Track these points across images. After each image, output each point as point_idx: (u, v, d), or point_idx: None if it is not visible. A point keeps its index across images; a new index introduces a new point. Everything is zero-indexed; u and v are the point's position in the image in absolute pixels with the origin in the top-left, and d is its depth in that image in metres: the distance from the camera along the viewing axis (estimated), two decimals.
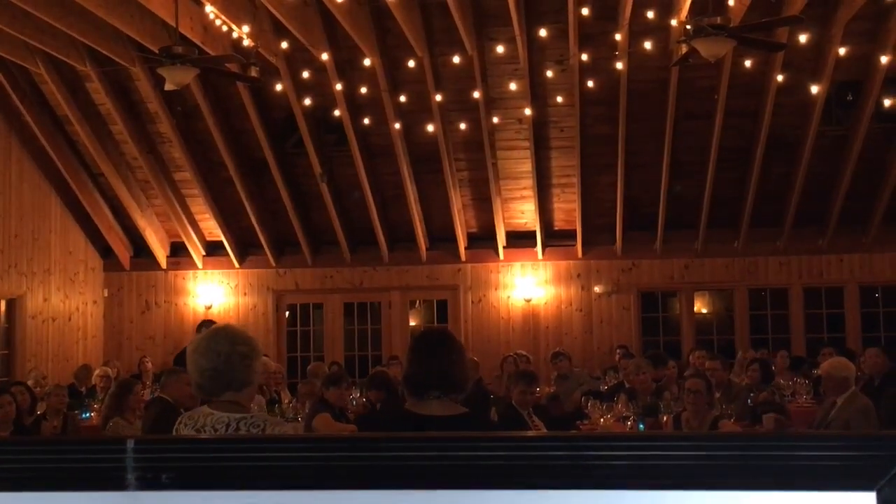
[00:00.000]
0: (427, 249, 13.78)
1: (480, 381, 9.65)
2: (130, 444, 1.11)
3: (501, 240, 13.50)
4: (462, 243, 13.59)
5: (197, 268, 14.29)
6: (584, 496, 1.09)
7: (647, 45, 9.95)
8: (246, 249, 14.20)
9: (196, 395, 3.22)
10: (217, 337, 3.11)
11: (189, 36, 9.40)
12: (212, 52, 9.82)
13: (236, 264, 14.16)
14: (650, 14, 9.62)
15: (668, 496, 1.07)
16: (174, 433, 3.21)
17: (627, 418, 7.47)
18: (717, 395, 7.71)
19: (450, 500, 1.09)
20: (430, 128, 11.73)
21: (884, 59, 10.31)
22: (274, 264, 14.12)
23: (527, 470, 1.09)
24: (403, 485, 1.09)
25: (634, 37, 10.29)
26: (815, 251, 13.22)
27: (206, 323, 9.39)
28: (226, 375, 3.07)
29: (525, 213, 13.35)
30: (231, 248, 13.95)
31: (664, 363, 9.06)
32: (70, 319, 13.76)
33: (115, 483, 1.09)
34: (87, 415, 8.99)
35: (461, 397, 3.42)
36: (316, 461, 1.12)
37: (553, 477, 1.09)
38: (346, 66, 11.46)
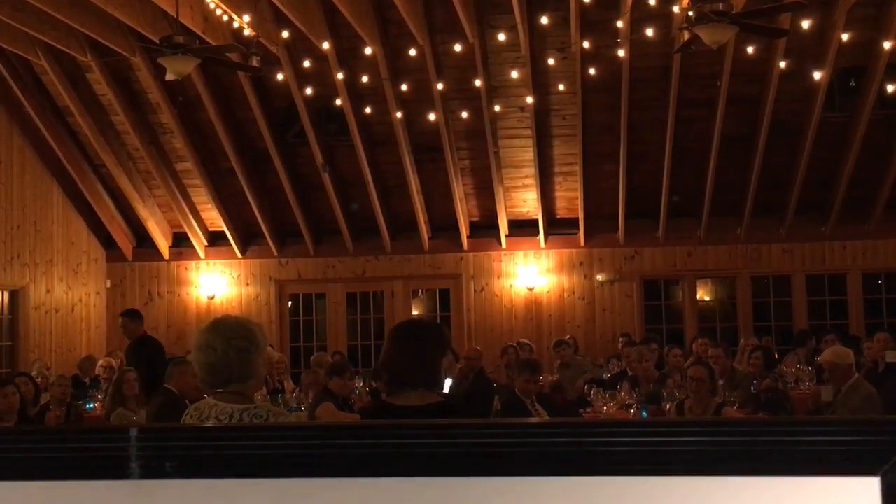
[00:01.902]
0: (429, 238, 13.77)
1: (483, 370, 9.66)
2: (134, 432, 1.11)
3: (504, 228, 13.49)
4: (464, 232, 13.59)
5: (199, 258, 14.30)
6: (588, 483, 1.09)
7: (649, 32, 9.92)
8: (248, 239, 14.21)
9: (202, 388, 3.24)
10: (213, 332, 3.11)
11: (189, 26, 9.39)
12: (212, 42, 9.80)
13: (239, 254, 14.17)
14: (652, 1, 9.59)
15: (673, 482, 1.07)
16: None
17: (630, 406, 7.49)
18: (721, 382, 7.72)
19: (454, 487, 1.09)
20: (432, 116, 11.71)
21: (887, 45, 10.27)
22: (276, 254, 14.13)
23: (530, 457, 1.09)
24: (409, 473, 1.09)
25: (636, 24, 10.26)
26: (818, 238, 13.21)
27: (128, 312, 9.36)
28: (224, 370, 3.08)
29: (527, 202, 13.34)
30: (233, 238, 13.96)
31: (650, 342, 9.19)
32: (73, 310, 13.78)
33: (118, 472, 1.10)
34: (91, 405, 9.01)
35: (438, 388, 3.49)
36: (319, 449, 1.12)
37: (556, 464, 1.09)
38: (347, 55, 11.44)
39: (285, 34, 10.81)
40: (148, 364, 8.78)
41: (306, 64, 11.31)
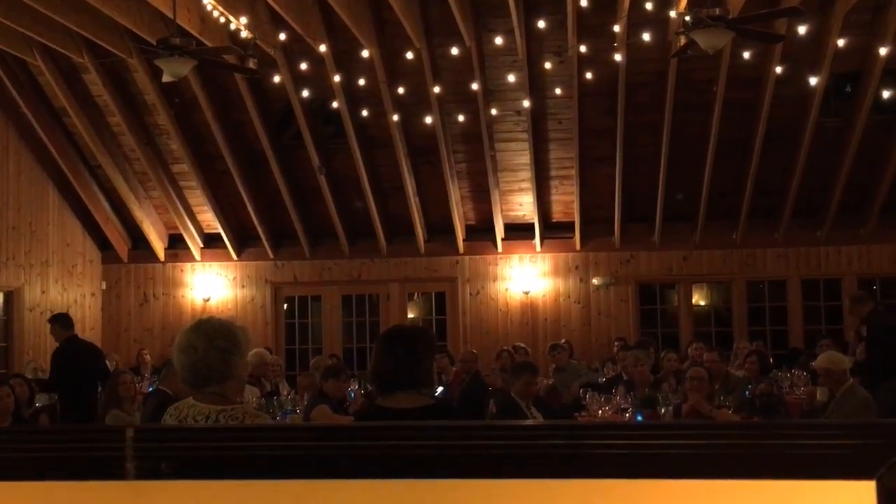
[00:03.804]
0: (425, 241, 13.77)
1: (478, 373, 9.66)
2: (130, 433, 1.11)
3: (500, 232, 13.49)
4: (460, 235, 13.59)
5: (195, 260, 14.28)
6: (584, 486, 1.09)
7: (646, 36, 9.93)
8: (244, 242, 14.19)
9: (183, 388, 3.25)
10: (196, 333, 3.12)
11: (186, 27, 9.38)
12: (209, 44, 9.79)
13: (234, 256, 14.15)
14: (649, 5, 9.60)
15: (668, 486, 1.07)
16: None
17: (626, 410, 7.49)
18: (716, 386, 7.72)
19: (449, 489, 1.09)
20: (429, 119, 11.71)
21: (882, 51, 10.29)
22: (272, 256, 14.11)
23: (526, 459, 1.09)
24: (405, 474, 1.09)
25: (633, 28, 10.27)
26: (814, 243, 13.22)
27: (58, 317, 9.30)
28: (204, 370, 3.08)
29: (523, 205, 13.34)
30: (229, 240, 13.94)
31: (647, 347, 9.45)
32: (68, 312, 13.72)
33: (114, 472, 1.09)
34: None
35: (430, 391, 3.53)
36: (315, 451, 1.12)
37: (552, 466, 1.09)
38: (345, 57, 11.44)
39: (282, 36, 10.81)
40: (56, 367, 8.67)
41: (303, 66, 11.31)
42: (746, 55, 10.43)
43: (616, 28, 10.14)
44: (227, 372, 3.11)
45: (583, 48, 10.58)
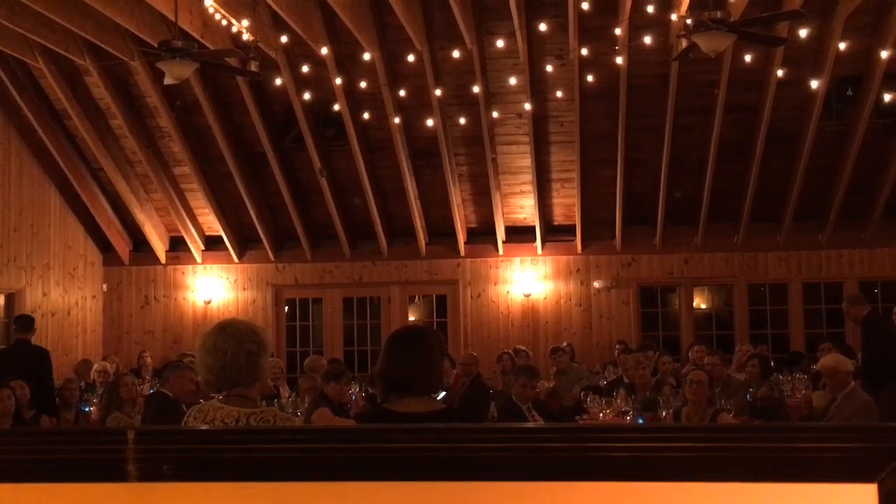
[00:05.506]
0: (426, 244, 13.77)
1: (479, 376, 9.66)
2: (131, 435, 1.11)
3: (501, 235, 13.49)
4: (461, 238, 13.59)
5: (196, 262, 14.29)
6: (585, 488, 1.09)
7: (647, 39, 9.94)
8: (245, 244, 14.20)
9: (206, 391, 3.25)
10: (223, 335, 3.11)
11: (188, 30, 9.39)
12: (211, 47, 9.80)
13: (235, 259, 14.15)
14: (650, 8, 9.61)
15: (669, 488, 1.07)
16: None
17: (626, 413, 7.49)
18: (717, 389, 7.73)
19: (452, 491, 1.09)
20: (430, 122, 11.72)
21: (884, 54, 10.29)
22: (273, 259, 14.12)
23: (527, 462, 1.09)
24: (407, 476, 1.09)
25: (634, 31, 10.28)
26: (815, 246, 13.22)
27: (17, 318, 9.18)
28: (234, 374, 3.09)
29: (524, 208, 13.34)
30: (230, 242, 13.94)
31: (649, 349, 9.52)
32: (69, 314, 13.75)
33: (116, 474, 1.09)
34: (87, 409, 9.00)
35: (436, 394, 3.46)
36: (316, 453, 1.12)
37: (553, 469, 1.09)
38: (346, 60, 11.45)
39: (284, 39, 10.81)
40: None
41: (305, 69, 11.31)
42: (748, 58, 10.43)
43: (617, 31, 10.15)
44: (254, 375, 3.12)
45: (584, 51, 10.58)
